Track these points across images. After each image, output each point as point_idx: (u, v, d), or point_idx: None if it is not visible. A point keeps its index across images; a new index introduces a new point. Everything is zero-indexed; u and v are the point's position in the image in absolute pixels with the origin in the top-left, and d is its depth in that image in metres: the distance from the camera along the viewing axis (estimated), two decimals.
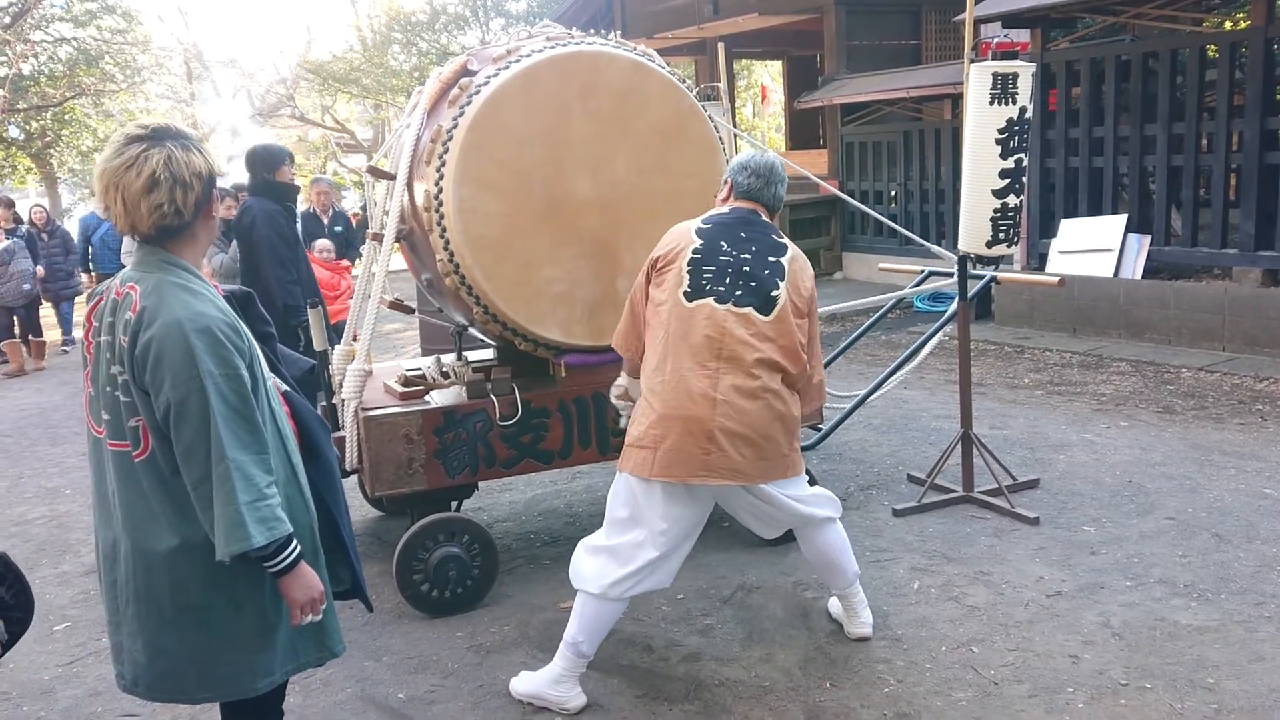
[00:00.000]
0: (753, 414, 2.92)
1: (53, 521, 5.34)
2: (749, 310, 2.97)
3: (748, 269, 3.01)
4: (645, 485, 2.98)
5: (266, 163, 5.62)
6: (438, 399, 3.92)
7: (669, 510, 2.99)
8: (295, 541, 2.16)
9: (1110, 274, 8.22)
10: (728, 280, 2.99)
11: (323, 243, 7.72)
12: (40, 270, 10.44)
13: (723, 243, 3.05)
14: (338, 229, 7.74)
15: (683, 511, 3.02)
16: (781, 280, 3.03)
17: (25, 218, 10.98)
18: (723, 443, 2.89)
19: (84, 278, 11.77)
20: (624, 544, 3.02)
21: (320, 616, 2.25)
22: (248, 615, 2.19)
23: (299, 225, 8.27)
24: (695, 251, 3.03)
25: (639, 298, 3.17)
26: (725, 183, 3.29)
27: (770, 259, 3.06)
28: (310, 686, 3.31)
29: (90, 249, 11.76)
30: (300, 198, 6.82)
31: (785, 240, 3.16)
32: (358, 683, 3.35)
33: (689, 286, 2.99)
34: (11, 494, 5.92)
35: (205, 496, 2.06)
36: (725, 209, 3.19)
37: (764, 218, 3.19)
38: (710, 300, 2.97)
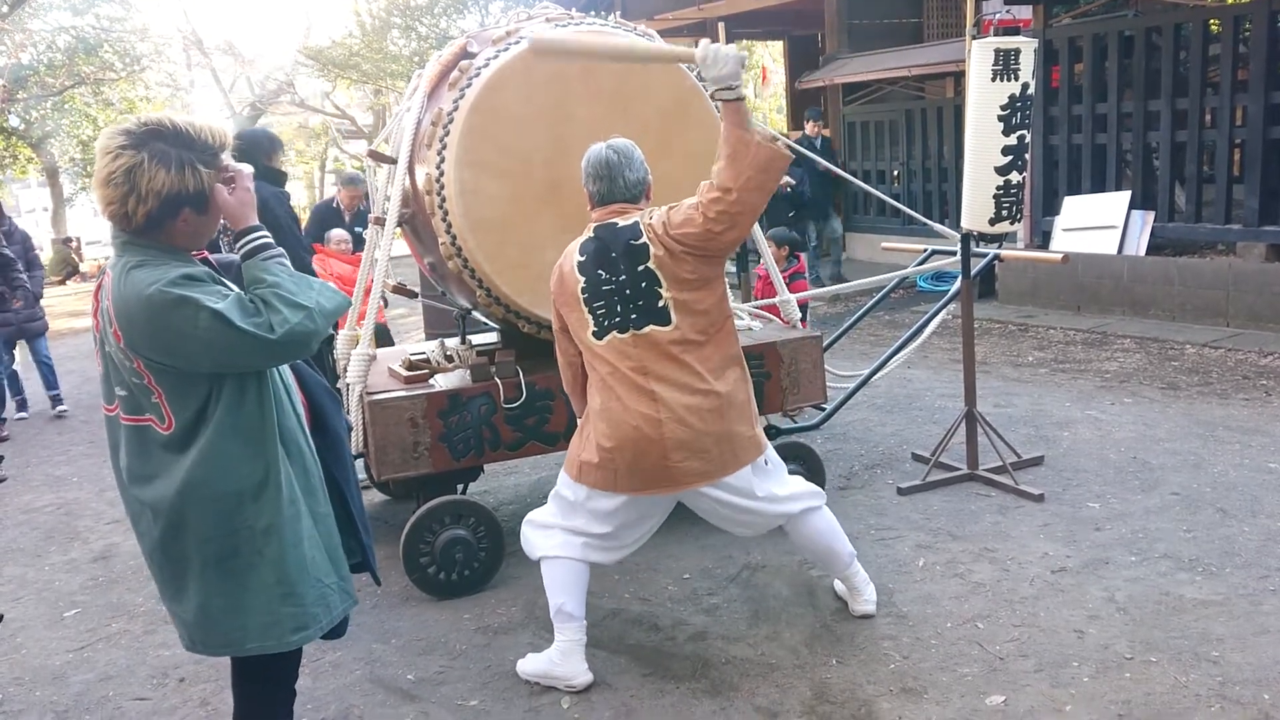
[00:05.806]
0: (698, 420, 2.93)
1: (60, 509, 5.37)
2: (650, 329, 2.94)
3: (629, 291, 2.95)
4: (606, 494, 3.05)
5: (266, 149, 5.61)
6: (442, 382, 3.92)
7: (628, 513, 3.11)
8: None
9: (1114, 251, 8.19)
10: (619, 309, 2.96)
11: (338, 233, 7.55)
12: None
13: (600, 272, 2.98)
14: (357, 229, 7.68)
15: (644, 511, 3.14)
16: (660, 286, 2.93)
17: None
18: (677, 457, 2.93)
19: None
20: (574, 525, 3.13)
21: (249, 192, 2.24)
22: (269, 562, 2.24)
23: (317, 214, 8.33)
24: (583, 290, 2.99)
25: (564, 345, 3.21)
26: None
27: (639, 268, 2.93)
28: (320, 669, 3.33)
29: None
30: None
31: (638, 222, 2.97)
32: (367, 665, 3.37)
33: (595, 326, 2.99)
34: (19, 482, 5.94)
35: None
36: (589, 232, 3.06)
37: (626, 221, 3.00)
38: (614, 333, 2.96)
